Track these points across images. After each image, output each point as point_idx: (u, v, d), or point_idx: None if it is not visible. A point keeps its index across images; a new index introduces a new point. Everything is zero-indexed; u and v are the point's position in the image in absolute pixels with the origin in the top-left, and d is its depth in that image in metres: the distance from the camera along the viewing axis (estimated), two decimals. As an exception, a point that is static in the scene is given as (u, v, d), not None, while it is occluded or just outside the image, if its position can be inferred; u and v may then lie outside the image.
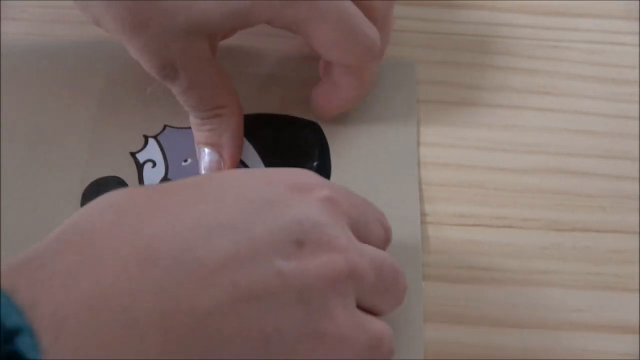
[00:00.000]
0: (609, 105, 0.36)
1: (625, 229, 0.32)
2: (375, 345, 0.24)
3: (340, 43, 0.30)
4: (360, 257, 0.24)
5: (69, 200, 0.32)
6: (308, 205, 0.24)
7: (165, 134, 0.34)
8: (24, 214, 0.32)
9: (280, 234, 0.22)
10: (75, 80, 0.35)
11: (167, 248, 0.21)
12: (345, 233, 0.24)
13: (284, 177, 0.25)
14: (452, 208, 0.33)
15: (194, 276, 0.20)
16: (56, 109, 0.34)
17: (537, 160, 0.34)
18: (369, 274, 0.24)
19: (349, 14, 0.29)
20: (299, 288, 0.22)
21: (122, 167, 0.33)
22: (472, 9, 0.39)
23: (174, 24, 0.28)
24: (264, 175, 0.25)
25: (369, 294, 0.25)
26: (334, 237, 0.23)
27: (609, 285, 0.31)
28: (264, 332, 0.21)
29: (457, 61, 0.37)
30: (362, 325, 0.24)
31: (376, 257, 0.25)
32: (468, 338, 0.29)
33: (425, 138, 0.35)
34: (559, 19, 0.39)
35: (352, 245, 0.24)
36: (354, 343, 0.23)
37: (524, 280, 0.31)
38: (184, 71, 0.30)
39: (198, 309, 0.20)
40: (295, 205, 0.23)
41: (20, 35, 0.37)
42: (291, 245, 0.22)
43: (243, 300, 0.21)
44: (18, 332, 0.18)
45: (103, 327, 0.19)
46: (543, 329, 0.30)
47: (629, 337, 0.30)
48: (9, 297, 0.18)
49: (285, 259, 0.22)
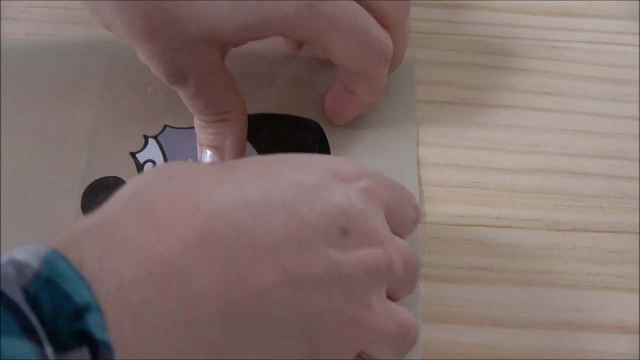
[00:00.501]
0: (609, 105, 0.36)
1: (625, 229, 0.32)
2: (403, 334, 0.25)
3: (355, 52, 0.30)
4: (395, 250, 0.25)
5: (69, 200, 0.32)
6: (350, 193, 0.24)
7: (166, 134, 0.34)
8: (24, 214, 0.32)
9: (327, 220, 0.23)
10: (75, 80, 0.35)
11: (223, 226, 0.21)
12: (383, 224, 0.25)
13: (328, 164, 0.26)
14: (452, 208, 0.33)
15: (247, 256, 0.21)
16: (56, 109, 0.34)
17: (537, 160, 0.34)
18: (400, 268, 0.25)
19: (363, 23, 0.30)
20: (342, 276, 0.23)
21: (122, 167, 0.33)
22: (472, 9, 0.39)
23: (186, 33, 0.28)
24: (310, 160, 0.26)
25: (396, 284, 0.26)
26: (375, 229, 0.24)
27: (609, 285, 0.31)
28: (305, 317, 0.22)
29: (457, 61, 0.37)
30: (393, 315, 0.25)
31: (405, 250, 0.26)
32: (468, 338, 0.29)
33: (425, 138, 0.35)
34: (559, 19, 0.39)
35: (389, 238, 0.25)
36: (386, 331, 0.24)
37: (524, 280, 0.31)
38: (193, 78, 0.30)
39: (250, 288, 0.21)
40: (339, 192, 0.24)
41: (20, 35, 0.37)
42: (336, 233, 0.23)
43: (290, 283, 0.22)
44: (87, 309, 0.18)
45: (165, 303, 0.19)
46: (543, 329, 0.30)
47: (628, 337, 0.30)
48: (78, 270, 0.18)
49: (330, 246, 0.23)
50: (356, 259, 0.23)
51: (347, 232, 0.23)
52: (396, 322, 0.25)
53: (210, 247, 0.21)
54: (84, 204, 0.32)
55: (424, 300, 0.30)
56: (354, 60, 0.31)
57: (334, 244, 0.23)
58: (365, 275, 0.23)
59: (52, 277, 0.18)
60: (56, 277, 0.18)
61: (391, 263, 0.24)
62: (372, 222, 0.24)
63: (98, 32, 0.36)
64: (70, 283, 0.18)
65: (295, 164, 0.25)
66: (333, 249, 0.23)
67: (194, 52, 0.29)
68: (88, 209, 0.32)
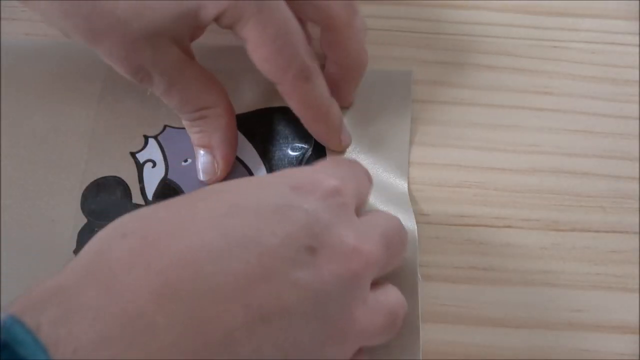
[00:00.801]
0: (609, 105, 0.36)
1: (625, 229, 0.32)
2: (393, 319, 0.25)
3: (270, 59, 0.29)
4: (371, 244, 0.24)
5: (69, 200, 0.32)
6: (314, 204, 0.24)
7: (166, 134, 0.34)
8: (24, 214, 0.32)
9: (291, 243, 0.22)
10: (75, 81, 0.35)
11: (181, 278, 0.21)
12: (352, 225, 0.24)
13: (286, 179, 0.25)
14: (452, 208, 0.33)
15: (208, 303, 0.20)
16: (56, 109, 0.34)
17: (537, 160, 0.34)
18: (382, 256, 0.25)
19: (288, 33, 0.29)
20: (316, 297, 0.22)
21: (122, 167, 0.33)
22: (472, 9, 0.39)
23: (131, 31, 0.28)
24: (268, 180, 0.25)
25: (383, 269, 0.25)
26: (344, 236, 0.24)
27: (609, 285, 0.31)
28: (281, 349, 0.21)
29: (456, 61, 0.37)
30: (380, 308, 0.25)
31: (384, 228, 0.26)
32: (468, 338, 0.29)
33: (425, 138, 0.35)
34: (559, 19, 0.39)
35: (362, 237, 0.24)
36: (374, 328, 0.24)
37: (524, 280, 0.31)
38: (157, 75, 0.30)
39: (214, 334, 0.20)
40: (302, 208, 0.23)
41: (20, 35, 0.37)
42: (303, 253, 0.22)
43: (256, 320, 0.21)
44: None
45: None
46: (543, 329, 0.30)
47: (629, 337, 0.30)
48: (34, 335, 0.18)
49: (299, 268, 0.22)
50: (329, 274, 0.23)
51: (315, 250, 0.23)
52: (383, 313, 0.25)
53: (168, 303, 0.20)
54: (84, 204, 0.32)
55: (424, 301, 0.30)
56: (268, 68, 0.30)
57: (303, 266, 0.22)
58: (342, 287, 0.23)
59: (10, 342, 0.18)
60: (14, 342, 0.18)
61: (368, 262, 0.24)
62: (340, 230, 0.24)
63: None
64: (26, 348, 0.18)
65: (253, 189, 0.25)
66: (302, 271, 0.22)
67: (148, 48, 0.29)
68: (88, 209, 0.32)
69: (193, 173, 0.33)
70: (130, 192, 0.32)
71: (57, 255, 0.31)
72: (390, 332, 0.26)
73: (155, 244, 0.21)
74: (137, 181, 0.33)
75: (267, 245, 0.22)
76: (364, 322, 0.24)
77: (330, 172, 0.26)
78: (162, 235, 0.22)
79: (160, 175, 0.33)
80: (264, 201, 0.23)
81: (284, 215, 0.23)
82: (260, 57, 0.29)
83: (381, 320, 0.25)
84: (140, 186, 0.33)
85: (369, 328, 0.24)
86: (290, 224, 0.23)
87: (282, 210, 0.23)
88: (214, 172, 0.32)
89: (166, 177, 0.33)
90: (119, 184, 0.32)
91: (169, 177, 0.33)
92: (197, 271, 0.21)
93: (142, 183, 0.33)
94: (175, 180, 0.33)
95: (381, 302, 0.25)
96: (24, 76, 0.35)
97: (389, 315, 0.25)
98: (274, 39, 0.28)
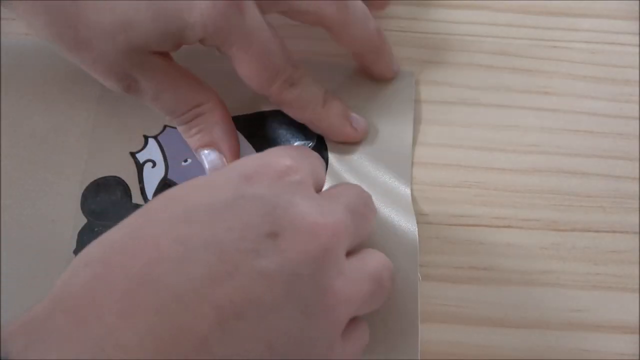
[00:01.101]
0: (609, 105, 0.36)
1: (625, 229, 0.32)
2: (377, 284, 0.25)
3: (255, 76, 0.30)
4: (334, 215, 0.24)
5: (69, 200, 0.32)
6: (268, 188, 0.23)
7: (165, 134, 0.34)
8: (24, 214, 0.32)
9: (250, 233, 0.22)
10: (75, 80, 0.35)
11: (145, 296, 0.20)
12: (314, 200, 0.24)
13: (237, 169, 0.25)
14: (452, 208, 0.33)
15: (175, 312, 0.20)
16: (56, 109, 0.34)
17: (537, 160, 0.34)
18: (349, 225, 0.24)
19: (270, 51, 0.30)
20: (286, 280, 0.22)
21: (122, 167, 0.33)
22: (472, 9, 0.39)
23: (116, 44, 0.28)
24: (220, 175, 0.25)
25: (354, 236, 0.25)
26: (306, 213, 0.23)
27: (609, 285, 0.31)
28: (263, 340, 0.21)
29: (456, 61, 0.37)
30: (360, 276, 0.24)
31: (346, 197, 0.26)
32: (468, 338, 0.29)
33: (425, 138, 0.35)
34: (559, 19, 0.39)
35: (325, 210, 0.24)
36: (360, 295, 0.24)
37: (524, 280, 0.31)
38: (144, 81, 0.30)
39: (188, 342, 0.20)
40: (254, 196, 0.23)
41: (20, 35, 0.37)
42: (265, 240, 0.22)
43: (228, 319, 0.21)
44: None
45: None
46: (543, 329, 0.30)
47: (629, 337, 0.30)
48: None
49: (263, 257, 0.22)
50: (296, 255, 0.22)
51: (277, 234, 0.22)
52: (366, 279, 0.24)
53: (136, 321, 0.20)
54: (83, 204, 0.32)
55: (423, 300, 0.30)
56: (254, 78, 0.30)
57: (267, 253, 0.22)
58: (313, 265, 0.22)
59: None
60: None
61: (335, 234, 0.23)
62: (300, 208, 0.23)
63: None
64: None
65: (205, 188, 0.24)
66: (267, 259, 0.22)
67: (132, 57, 0.29)
68: (88, 209, 0.32)
69: (193, 173, 0.33)
70: (130, 192, 0.32)
71: (57, 255, 0.31)
72: (380, 295, 0.25)
73: (116, 267, 0.21)
74: (137, 181, 0.33)
75: (225, 242, 0.22)
76: (347, 292, 0.23)
77: (281, 153, 0.25)
78: (121, 257, 0.22)
79: (160, 175, 0.33)
80: (216, 198, 0.23)
81: (239, 207, 0.23)
82: (246, 74, 0.30)
83: (366, 287, 0.24)
84: (140, 186, 0.33)
85: (355, 296, 0.24)
86: (246, 214, 0.22)
87: (236, 203, 0.23)
88: (223, 166, 0.32)
89: (166, 177, 0.33)
90: (119, 184, 0.32)
91: (169, 177, 0.33)
92: (158, 285, 0.21)
93: (142, 183, 0.33)
94: (175, 180, 0.33)
95: (360, 269, 0.25)
96: (24, 76, 0.35)
97: (371, 279, 0.25)
98: (258, 58, 0.29)
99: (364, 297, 0.24)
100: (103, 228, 0.31)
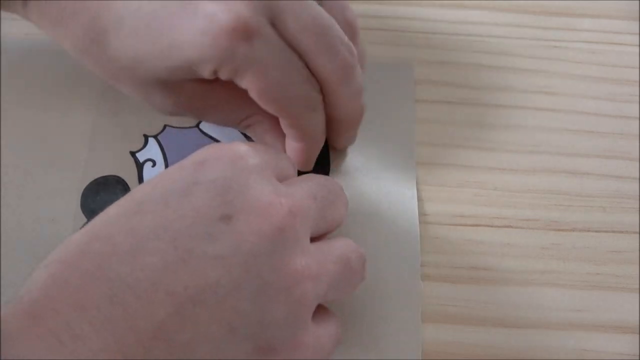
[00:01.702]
0: (609, 105, 0.36)
1: (625, 229, 0.32)
2: (344, 266, 0.25)
3: (275, 103, 0.28)
4: (292, 196, 0.24)
5: (69, 200, 0.32)
6: (222, 172, 0.23)
7: (165, 134, 0.34)
8: (24, 214, 0.32)
9: (202, 218, 0.22)
10: (75, 80, 0.35)
11: (99, 289, 0.21)
12: (270, 183, 0.24)
13: (191, 157, 0.24)
14: (452, 208, 0.33)
15: (130, 303, 0.21)
16: (56, 109, 0.34)
17: (537, 160, 0.34)
18: (309, 206, 0.24)
19: (288, 78, 0.27)
20: (243, 261, 0.22)
21: (122, 166, 0.33)
22: (472, 9, 0.39)
23: (137, 76, 0.28)
24: (171, 168, 0.25)
25: (317, 221, 0.25)
26: (260, 193, 0.23)
27: (609, 285, 0.31)
28: (223, 324, 0.21)
29: (456, 61, 0.37)
30: (325, 257, 0.24)
31: (308, 184, 0.25)
32: (468, 338, 0.29)
33: (426, 138, 0.35)
34: (559, 19, 0.39)
35: (281, 191, 0.24)
36: (327, 276, 0.24)
37: (524, 280, 0.31)
38: (182, 110, 0.30)
39: (144, 331, 0.20)
40: (206, 180, 0.23)
41: (20, 35, 0.37)
42: (218, 223, 0.22)
43: (185, 305, 0.21)
44: None
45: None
46: (543, 329, 0.30)
47: (628, 337, 0.30)
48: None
49: (217, 240, 0.22)
50: (251, 235, 0.22)
51: (231, 216, 0.22)
52: (331, 260, 0.24)
53: (90, 312, 0.20)
54: (83, 204, 0.32)
55: (423, 301, 0.30)
56: (272, 106, 0.28)
57: (221, 236, 0.22)
58: (270, 244, 0.22)
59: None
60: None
61: (292, 213, 0.23)
62: (256, 189, 0.23)
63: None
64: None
65: (161, 179, 0.24)
66: (221, 242, 0.22)
67: (157, 90, 0.29)
68: (88, 208, 0.32)
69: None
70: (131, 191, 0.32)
71: (57, 255, 0.31)
72: (351, 279, 0.25)
73: (71, 266, 0.22)
74: (137, 180, 0.33)
75: (178, 229, 0.22)
76: (311, 270, 0.23)
77: (238, 142, 0.25)
78: (77, 256, 0.22)
79: (160, 175, 0.33)
80: (169, 187, 0.23)
81: (190, 193, 0.23)
82: (265, 103, 0.28)
83: (331, 266, 0.24)
84: (140, 186, 0.33)
85: (321, 275, 0.23)
86: (199, 200, 0.22)
87: (188, 190, 0.23)
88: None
89: (166, 177, 0.33)
90: (119, 183, 0.33)
91: (169, 177, 0.33)
92: (111, 277, 0.21)
93: (142, 182, 0.33)
94: (175, 180, 0.33)
95: (325, 250, 0.24)
96: (24, 76, 0.35)
97: (338, 260, 0.24)
98: (276, 86, 0.27)
99: (331, 277, 0.24)
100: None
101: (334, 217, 0.27)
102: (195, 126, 0.34)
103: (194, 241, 0.22)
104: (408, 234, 0.31)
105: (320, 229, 0.25)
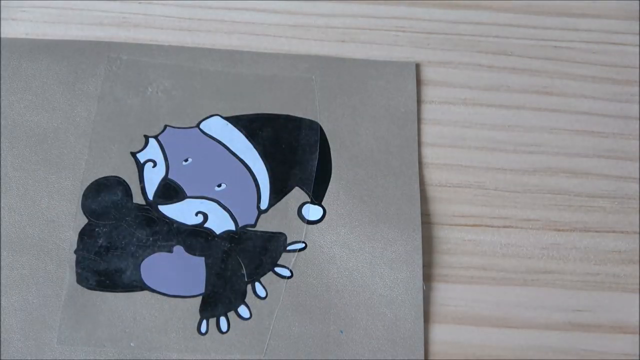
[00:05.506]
0: (609, 105, 0.36)
1: (625, 229, 0.32)
2: None
3: None
4: None
5: (69, 200, 0.32)
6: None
7: (166, 134, 0.34)
8: (24, 214, 0.32)
9: None
10: (75, 80, 0.35)
11: None
12: None
13: None
14: (452, 208, 0.33)
15: None
16: (56, 109, 0.34)
17: (537, 160, 0.34)
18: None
19: None
20: None
21: (123, 167, 0.33)
22: (472, 9, 0.39)
23: None
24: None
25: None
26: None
27: (609, 285, 0.31)
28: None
29: (457, 61, 0.37)
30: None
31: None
32: (468, 338, 0.29)
33: (426, 138, 0.35)
34: (559, 19, 0.39)
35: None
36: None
37: (524, 280, 0.31)
38: None
39: None
40: None
41: (20, 35, 0.37)
42: None
43: None
44: None
45: None
46: (543, 329, 0.30)
47: (628, 337, 0.30)
48: None
49: None
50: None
51: None
52: None
53: None
54: (84, 204, 0.32)
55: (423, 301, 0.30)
56: None
57: None
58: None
59: None
60: None
61: None
62: None
63: (98, 32, 0.36)
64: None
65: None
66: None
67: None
68: (88, 208, 0.32)
69: (194, 172, 0.33)
70: (131, 192, 0.32)
71: (57, 255, 0.31)
72: None
73: None
74: (138, 181, 0.33)
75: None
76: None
77: None
78: None
79: (161, 175, 0.33)
80: None
81: None
82: None
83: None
84: (141, 186, 0.33)
85: None
86: None
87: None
88: None
89: (167, 177, 0.33)
90: (120, 183, 0.33)
91: (169, 177, 0.33)
92: None
93: (142, 183, 0.33)
94: (176, 180, 0.33)
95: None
96: (24, 76, 0.35)
97: None
98: None
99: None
100: (104, 228, 0.31)
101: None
102: (195, 126, 0.34)
103: None
104: (410, 234, 0.31)
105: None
